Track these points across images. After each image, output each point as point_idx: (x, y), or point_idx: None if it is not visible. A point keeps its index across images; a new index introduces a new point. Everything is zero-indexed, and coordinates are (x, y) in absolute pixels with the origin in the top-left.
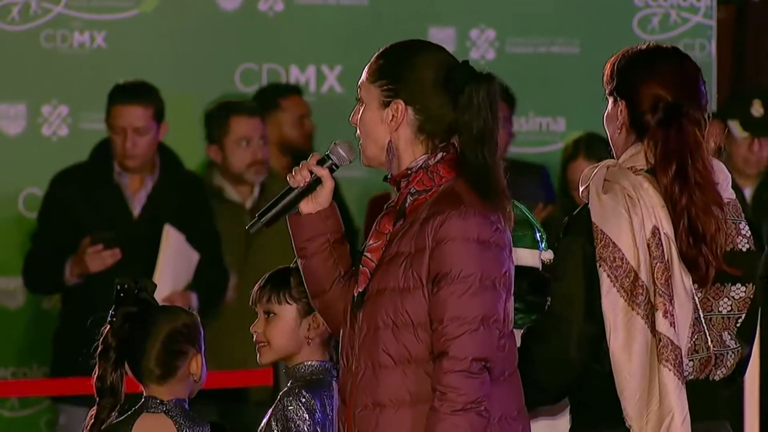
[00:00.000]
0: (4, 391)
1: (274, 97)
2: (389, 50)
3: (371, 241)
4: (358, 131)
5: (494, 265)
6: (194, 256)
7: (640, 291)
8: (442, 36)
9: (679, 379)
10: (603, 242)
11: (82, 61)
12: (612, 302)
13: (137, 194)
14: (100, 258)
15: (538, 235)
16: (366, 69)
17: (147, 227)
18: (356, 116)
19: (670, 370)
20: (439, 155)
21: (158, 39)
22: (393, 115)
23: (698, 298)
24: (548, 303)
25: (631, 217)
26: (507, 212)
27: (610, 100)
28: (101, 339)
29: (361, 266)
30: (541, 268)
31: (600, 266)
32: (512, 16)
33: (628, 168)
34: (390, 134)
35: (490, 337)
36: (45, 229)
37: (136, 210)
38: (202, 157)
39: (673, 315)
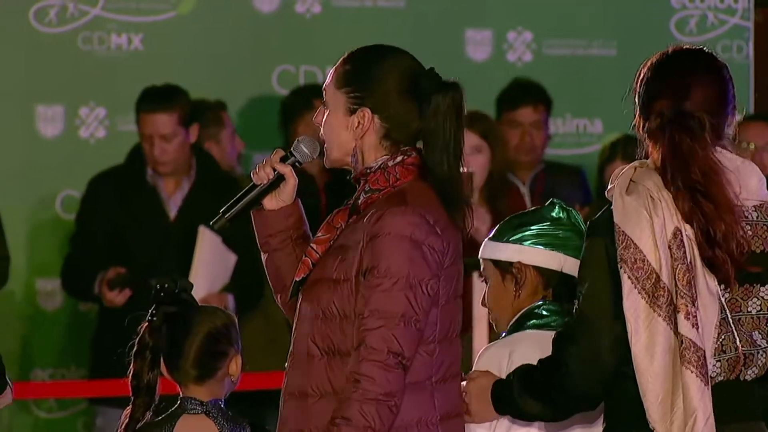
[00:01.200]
0: (42, 393)
1: (308, 97)
2: (355, 56)
3: (320, 233)
4: (321, 132)
5: (424, 267)
6: (231, 258)
7: (662, 293)
8: (480, 38)
9: (702, 380)
10: (624, 243)
11: (120, 63)
12: (633, 304)
13: (173, 196)
14: (111, 302)
15: None
16: (332, 72)
17: (183, 229)
18: (319, 117)
19: (692, 372)
20: (399, 158)
21: (195, 41)
22: (359, 123)
23: (725, 299)
24: (575, 306)
25: (653, 218)
26: (466, 221)
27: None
28: (138, 338)
29: (304, 256)
30: None
31: (621, 268)
32: (550, 17)
33: (654, 169)
34: (355, 140)
35: (409, 335)
36: (82, 232)
37: (172, 212)
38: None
39: (696, 317)
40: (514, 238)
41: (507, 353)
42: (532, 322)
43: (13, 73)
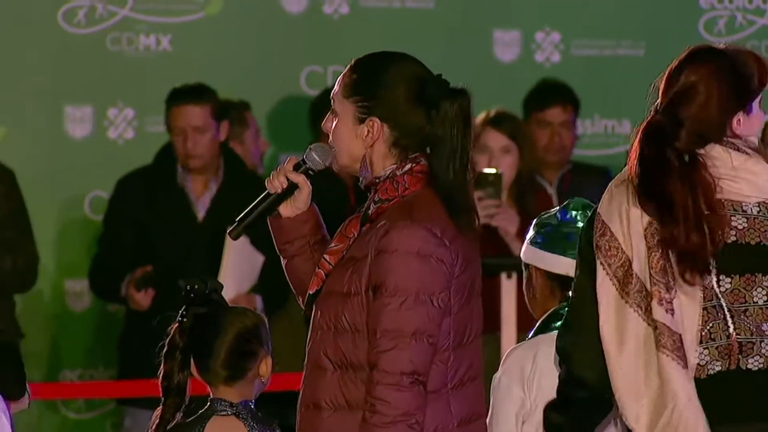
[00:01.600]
0: (70, 393)
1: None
2: (363, 64)
3: (333, 244)
4: (330, 139)
5: (433, 281)
6: (259, 259)
7: (632, 280)
8: (508, 38)
9: (678, 363)
10: (601, 231)
11: (148, 64)
12: (605, 291)
13: (201, 197)
14: (138, 304)
15: None
16: (339, 81)
17: (211, 231)
18: (328, 124)
19: (667, 356)
20: (407, 166)
21: (224, 42)
22: (368, 132)
23: (726, 289)
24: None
25: (630, 208)
26: (473, 229)
27: None
28: (168, 339)
29: (317, 268)
30: None
31: (596, 254)
32: (578, 18)
33: None
34: (365, 149)
35: (422, 351)
36: (110, 233)
37: (201, 213)
38: (267, 159)
39: (670, 302)
40: (531, 238)
41: (532, 356)
42: (557, 323)
43: (41, 74)
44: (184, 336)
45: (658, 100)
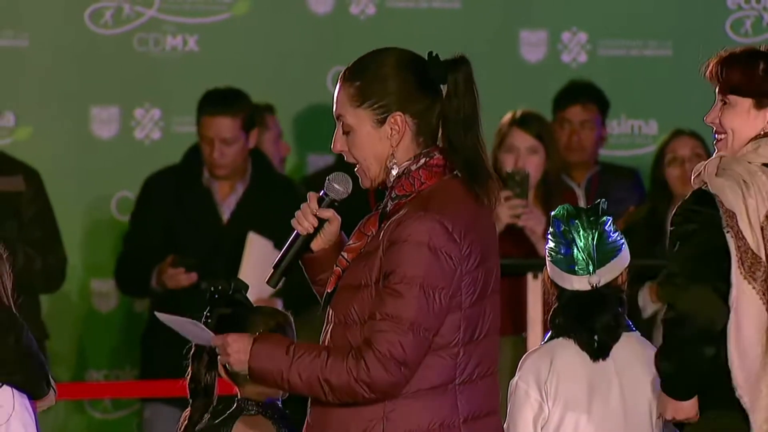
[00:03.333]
0: (96, 393)
1: None
2: (358, 70)
3: (351, 241)
4: (348, 157)
5: (439, 275)
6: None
7: (760, 267)
8: (534, 39)
9: None
10: (728, 214)
11: (175, 65)
12: (734, 273)
13: (227, 200)
14: (176, 279)
15: (582, 259)
16: (342, 96)
17: (236, 233)
18: (339, 143)
19: None
20: (422, 161)
21: (250, 42)
22: (393, 129)
23: None
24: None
25: (746, 199)
26: (494, 194)
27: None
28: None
29: (335, 266)
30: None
31: (728, 233)
32: (604, 18)
33: (746, 161)
34: (392, 148)
35: (417, 342)
36: (137, 231)
37: (226, 215)
38: (294, 160)
39: None
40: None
41: (548, 360)
42: None
43: (68, 74)
44: None
45: None
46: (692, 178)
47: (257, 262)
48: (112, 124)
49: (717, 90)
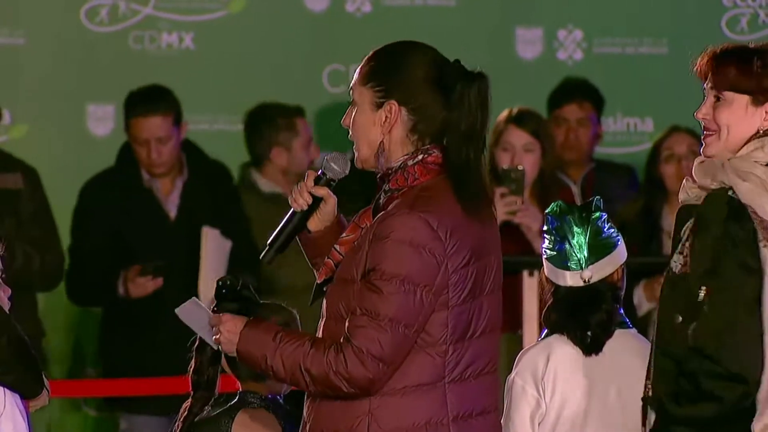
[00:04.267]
0: (91, 391)
1: None
2: (379, 52)
3: (345, 234)
4: (351, 135)
5: (420, 272)
6: (226, 245)
7: None
8: (530, 36)
9: None
10: (762, 225)
11: (171, 62)
12: None
13: (170, 196)
14: (142, 287)
15: (576, 255)
16: (357, 71)
17: (185, 227)
18: (347, 119)
19: None
20: (419, 157)
21: (246, 40)
22: (386, 116)
23: None
24: (706, 300)
25: None
26: (482, 213)
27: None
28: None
29: (326, 258)
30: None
31: (765, 247)
32: (600, 16)
33: (752, 160)
34: (383, 135)
35: (396, 339)
36: (81, 241)
37: (172, 212)
38: None
39: None
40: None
41: (545, 357)
42: None
43: (64, 72)
44: None
45: None
46: (705, 180)
47: (215, 253)
48: (107, 122)
49: (710, 86)
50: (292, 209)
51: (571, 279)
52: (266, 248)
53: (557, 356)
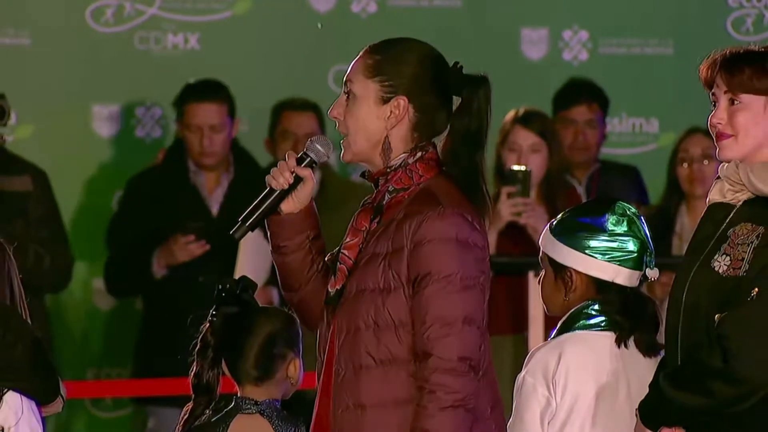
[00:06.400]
0: (97, 392)
1: None
2: (384, 46)
3: (348, 239)
4: (341, 126)
5: (473, 265)
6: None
7: None
8: (535, 37)
9: None
10: None
11: (176, 63)
12: None
13: (214, 193)
14: (188, 249)
15: (646, 257)
16: (358, 64)
17: (226, 225)
18: (338, 109)
19: None
20: (418, 154)
21: (251, 40)
22: (392, 112)
23: None
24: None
25: None
26: (488, 215)
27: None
28: (200, 337)
29: (338, 263)
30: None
31: None
32: (605, 16)
33: None
34: (386, 130)
35: (472, 336)
36: (123, 232)
37: (215, 208)
38: None
39: None
40: (571, 242)
41: (556, 356)
42: (581, 322)
43: (69, 72)
44: (216, 335)
45: None
46: (725, 182)
47: (252, 251)
48: (112, 122)
49: (724, 90)
50: (269, 187)
51: (630, 278)
52: (238, 224)
53: (569, 355)
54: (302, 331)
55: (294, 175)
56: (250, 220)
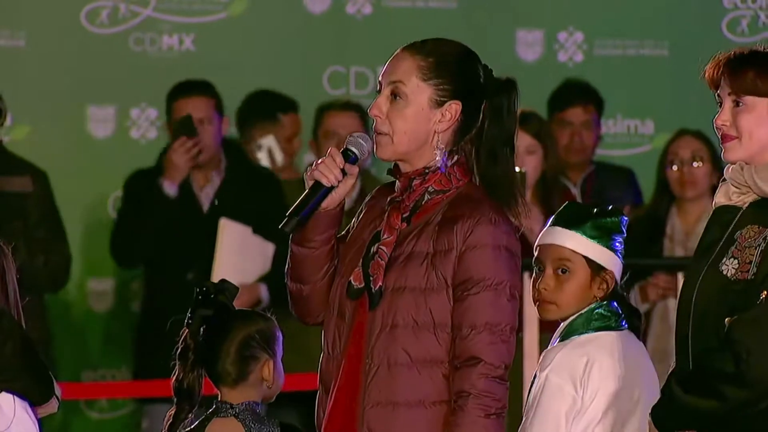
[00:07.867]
0: (92, 393)
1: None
2: (434, 47)
3: (385, 235)
4: (381, 124)
5: (516, 275)
6: (268, 248)
7: None
8: (530, 38)
9: None
10: None
11: (171, 64)
12: None
13: (203, 190)
14: (184, 150)
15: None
16: (409, 65)
17: (215, 222)
18: (378, 109)
19: None
20: (455, 158)
21: (246, 42)
22: (443, 115)
23: None
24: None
25: None
26: (521, 218)
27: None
28: (180, 340)
29: (378, 258)
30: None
31: None
32: (601, 18)
33: None
34: (435, 133)
35: (513, 345)
36: (131, 212)
37: (205, 206)
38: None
39: None
40: (609, 245)
41: (583, 355)
42: (597, 323)
43: (64, 74)
44: (194, 338)
45: None
46: (731, 185)
47: (235, 248)
48: (108, 124)
49: (728, 92)
50: (315, 182)
51: None
52: (287, 218)
53: (595, 356)
54: (301, 332)
55: (344, 172)
56: (301, 214)
